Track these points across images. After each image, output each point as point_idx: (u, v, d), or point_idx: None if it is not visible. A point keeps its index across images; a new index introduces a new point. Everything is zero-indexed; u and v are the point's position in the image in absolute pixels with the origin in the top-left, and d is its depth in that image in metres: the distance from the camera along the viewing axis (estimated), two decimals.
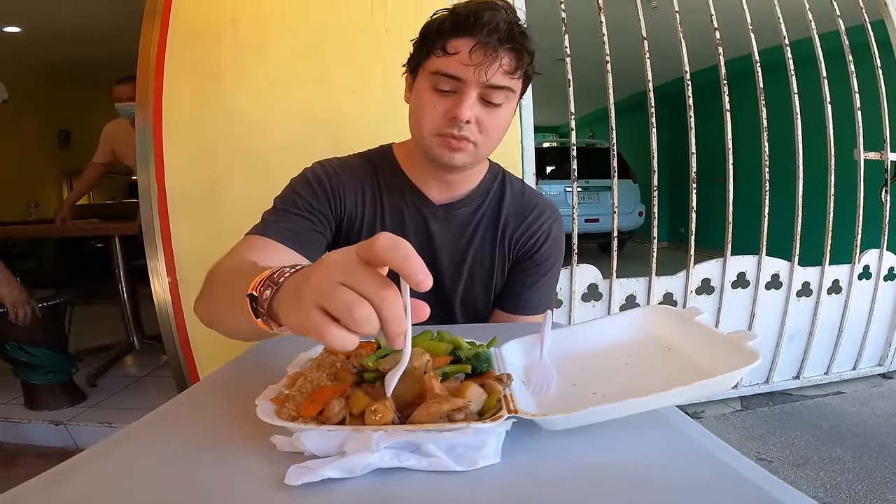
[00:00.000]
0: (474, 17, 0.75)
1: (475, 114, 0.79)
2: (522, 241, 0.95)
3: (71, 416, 2.08)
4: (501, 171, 1.00)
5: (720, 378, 0.42)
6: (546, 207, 0.98)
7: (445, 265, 0.94)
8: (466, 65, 0.76)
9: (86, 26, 4.36)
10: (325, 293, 0.38)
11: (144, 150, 1.79)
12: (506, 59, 0.77)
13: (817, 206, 2.27)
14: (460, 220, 0.93)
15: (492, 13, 0.75)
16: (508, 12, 0.78)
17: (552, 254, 0.96)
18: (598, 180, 5.71)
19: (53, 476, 0.40)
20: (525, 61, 0.79)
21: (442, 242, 0.93)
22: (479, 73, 0.76)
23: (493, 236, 0.94)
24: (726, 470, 0.39)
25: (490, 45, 0.75)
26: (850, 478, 1.63)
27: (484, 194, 0.95)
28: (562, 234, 0.98)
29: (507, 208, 0.95)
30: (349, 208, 0.90)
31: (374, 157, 0.95)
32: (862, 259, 2.35)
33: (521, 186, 0.99)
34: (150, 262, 1.82)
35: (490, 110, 0.80)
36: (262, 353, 0.71)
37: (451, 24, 0.77)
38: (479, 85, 0.77)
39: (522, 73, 0.81)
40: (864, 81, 2.29)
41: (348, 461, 0.37)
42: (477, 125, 0.80)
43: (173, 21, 1.79)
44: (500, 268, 0.96)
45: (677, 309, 0.60)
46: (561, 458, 0.42)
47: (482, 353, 0.53)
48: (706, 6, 2.12)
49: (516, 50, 0.77)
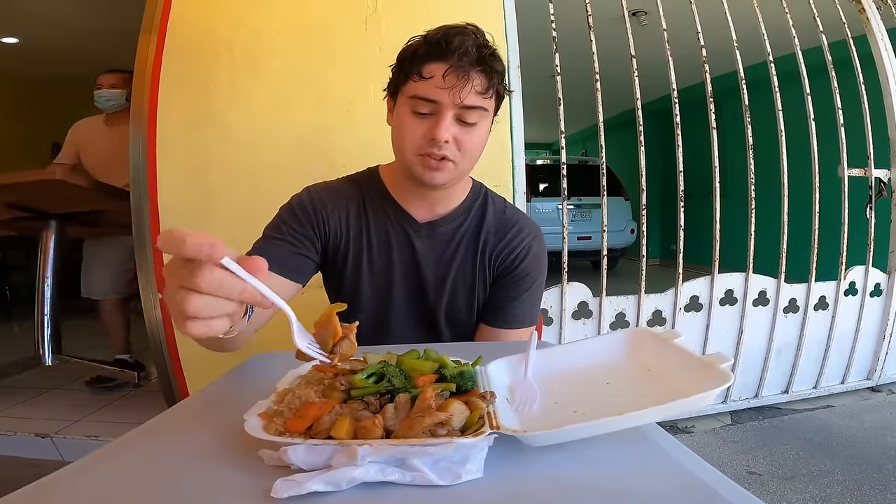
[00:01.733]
0: (445, 42, 0.81)
1: (452, 133, 0.84)
2: (502, 257, 0.98)
3: (58, 428, 2.06)
4: (484, 189, 1.04)
5: (692, 398, 0.45)
6: (526, 224, 1.01)
7: (429, 280, 0.98)
8: (441, 88, 0.81)
9: (83, 42, 4.39)
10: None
11: (137, 164, 1.80)
12: (477, 80, 0.82)
13: (803, 223, 2.31)
14: (443, 237, 0.97)
15: (461, 38, 0.81)
16: (478, 36, 0.83)
17: (533, 269, 0.99)
18: (590, 198, 5.77)
19: (39, 488, 0.40)
20: (495, 81, 0.85)
21: (426, 258, 0.97)
22: (454, 94, 0.81)
23: (474, 253, 0.98)
24: (699, 484, 0.40)
25: (462, 69, 0.80)
26: (840, 490, 1.64)
27: (466, 212, 0.99)
28: (542, 251, 1.02)
29: (488, 226, 0.99)
30: (333, 229, 0.95)
31: (360, 179, 1.01)
32: (848, 275, 2.38)
33: (502, 205, 1.03)
34: (141, 277, 1.82)
35: (466, 129, 0.85)
36: (251, 370, 0.72)
37: (424, 49, 0.83)
38: (455, 106, 0.82)
39: (494, 92, 0.86)
40: (848, 97, 2.34)
41: (334, 475, 0.38)
42: (455, 144, 0.85)
43: (170, 36, 1.81)
44: (481, 283, 0.99)
45: (657, 331, 0.62)
46: (542, 473, 0.43)
47: (467, 372, 0.54)
48: (695, 23, 2.17)
49: (486, 71, 0.83)
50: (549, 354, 0.65)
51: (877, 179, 2.42)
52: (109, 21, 3.81)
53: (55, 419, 2.16)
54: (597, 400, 0.54)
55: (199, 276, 0.41)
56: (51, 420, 2.14)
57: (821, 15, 2.34)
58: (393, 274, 0.97)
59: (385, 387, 0.50)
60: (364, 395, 0.49)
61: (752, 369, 2.33)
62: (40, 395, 2.50)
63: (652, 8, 2.26)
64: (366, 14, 1.86)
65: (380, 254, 0.97)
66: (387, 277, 0.97)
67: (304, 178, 1.05)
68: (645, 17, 3.83)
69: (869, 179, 2.41)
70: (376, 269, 0.97)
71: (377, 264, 0.97)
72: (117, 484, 0.42)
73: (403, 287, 0.98)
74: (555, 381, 0.59)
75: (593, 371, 0.61)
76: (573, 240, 5.06)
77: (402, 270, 0.97)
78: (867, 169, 2.40)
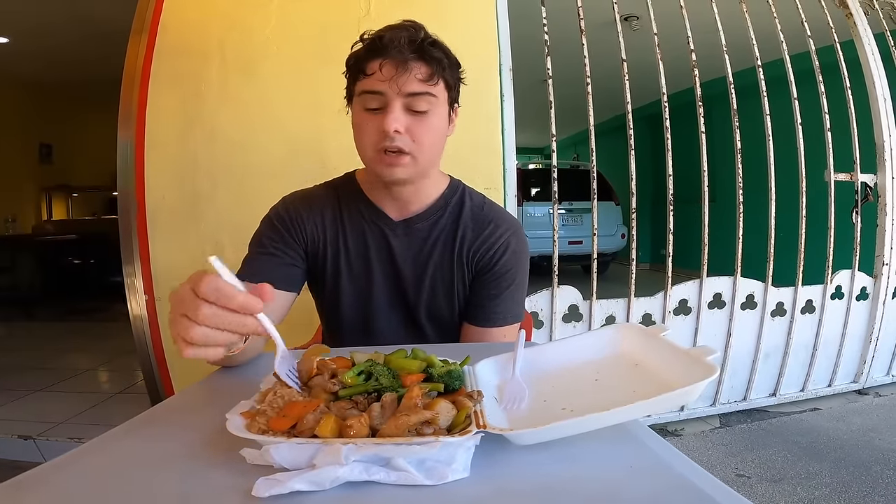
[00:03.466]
0: (379, 39, 0.85)
1: (404, 124, 0.85)
2: (480, 253, 0.98)
3: (41, 430, 2.04)
4: (462, 186, 1.04)
5: (678, 392, 0.44)
6: (504, 220, 1.00)
7: (408, 277, 0.98)
8: (382, 80, 0.84)
9: (74, 46, 4.35)
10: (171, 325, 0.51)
11: (125, 165, 1.78)
12: (417, 68, 0.85)
13: (791, 227, 2.33)
14: (419, 234, 0.98)
15: (393, 32, 0.85)
16: (413, 30, 0.86)
17: (513, 266, 0.99)
18: (581, 202, 5.79)
19: (15, 485, 0.39)
20: (438, 68, 0.86)
21: (403, 257, 0.98)
22: (394, 84, 0.83)
23: (451, 250, 0.98)
24: (687, 485, 0.40)
25: (399, 58, 0.83)
26: (828, 492, 1.65)
27: (442, 208, 0.99)
28: (522, 247, 1.01)
29: (465, 222, 0.99)
30: (311, 235, 0.97)
31: (337, 184, 1.03)
32: (834, 279, 2.40)
33: (480, 201, 1.03)
34: (128, 278, 1.80)
35: (419, 119, 0.86)
36: (236, 370, 0.71)
37: (364, 49, 0.87)
38: (400, 95, 0.84)
39: (440, 79, 0.87)
40: (835, 102, 2.37)
41: (317, 474, 0.38)
42: (409, 135, 0.86)
43: (160, 37, 1.80)
44: (460, 280, 0.99)
45: (644, 326, 0.62)
46: (529, 472, 0.43)
47: (454, 371, 0.54)
48: (685, 28, 2.19)
49: (425, 59, 0.85)
50: (537, 353, 0.65)
51: (863, 184, 2.45)
52: (100, 23, 3.77)
53: (38, 421, 2.13)
54: (585, 396, 0.54)
55: (203, 310, 0.47)
56: (33, 422, 2.11)
57: (808, 19, 2.37)
58: (372, 275, 0.98)
59: (372, 386, 0.50)
60: (352, 395, 0.49)
61: (741, 372, 2.34)
62: (24, 396, 2.46)
63: (643, 13, 2.27)
64: (359, 16, 1.86)
65: (357, 255, 0.97)
66: (367, 278, 0.98)
67: (295, 180, 1.05)
68: (636, 22, 3.86)
69: (855, 184, 2.44)
70: (355, 271, 0.98)
71: (356, 266, 0.98)
72: (96, 482, 0.41)
73: (384, 286, 0.98)
74: (543, 380, 0.59)
75: (582, 368, 0.60)
76: (564, 244, 5.07)
77: (380, 270, 0.98)
78: (853, 173, 2.43)
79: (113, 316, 4.25)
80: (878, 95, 2.45)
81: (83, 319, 2.80)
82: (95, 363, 3.06)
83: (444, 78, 0.88)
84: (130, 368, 2.70)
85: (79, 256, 4.91)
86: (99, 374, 2.75)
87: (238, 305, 0.48)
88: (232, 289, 0.48)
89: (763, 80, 2.29)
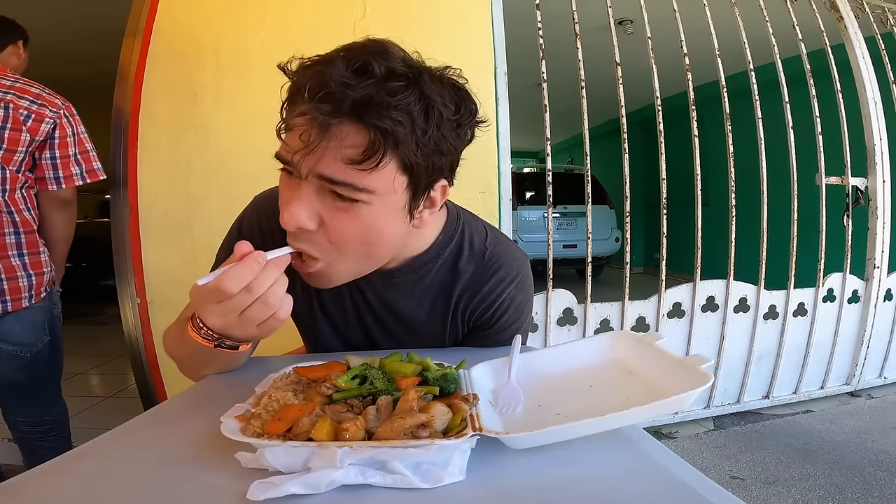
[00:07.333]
0: (302, 76, 0.56)
1: (314, 218, 0.59)
2: (479, 312, 0.82)
3: None
4: (461, 228, 0.81)
5: (673, 399, 0.45)
6: (509, 269, 0.81)
7: (388, 331, 0.84)
8: (289, 149, 0.57)
9: (67, 47, 4.32)
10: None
11: (117, 169, 1.77)
12: (348, 136, 0.54)
13: (783, 231, 2.35)
14: (403, 289, 0.79)
15: (326, 69, 0.53)
16: (366, 63, 0.53)
17: (517, 319, 0.84)
18: (575, 206, 5.81)
19: (6, 489, 0.39)
20: (388, 140, 0.54)
21: (382, 311, 0.82)
22: (302, 159, 0.55)
23: (444, 309, 0.81)
24: (679, 485, 0.40)
25: (321, 119, 0.53)
26: (822, 494, 1.66)
27: (432, 261, 0.78)
28: (526, 296, 0.84)
29: (462, 275, 0.80)
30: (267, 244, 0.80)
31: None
32: (826, 282, 2.42)
33: (482, 245, 0.81)
34: (120, 282, 1.78)
35: (338, 211, 0.58)
36: (230, 375, 0.71)
37: (290, 87, 0.59)
38: (312, 175, 0.57)
39: (390, 157, 0.55)
40: (826, 106, 2.39)
41: (313, 477, 0.38)
42: (323, 234, 0.60)
43: (154, 40, 1.79)
44: (452, 337, 0.85)
45: (639, 334, 0.62)
46: (525, 476, 0.43)
47: (450, 374, 0.54)
48: (679, 32, 2.21)
49: (367, 121, 0.53)
50: (532, 358, 0.65)
51: (854, 188, 2.47)
52: (93, 23, 3.76)
53: None
54: (580, 402, 0.54)
55: (245, 293, 0.54)
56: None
57: (800, 23, 2.39)
58: (348, 318, 0.83)
59: (367, 389, 0.50)
60: (347, 399, 0.49)
61: (734, 375, 2.36)
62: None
63: (637, 17, 2.29)
64: (354, 19, 1.86)
65: (332, 299, 0.81)
66: (343, 318, 0.83)
67: None
68: (631, 26, 3.88)
69: (846, 187, 2.46)
70: (329, 310, 0.83)
71: (331, 307, 0.82)
72: (89, 486, 0.41)
73: (361, 334, 0.84)
74: (538, 385, 0.59)
75: (576, 374, 0.61)
76: (559, 248, 5.09)
77: (356, 318, 0.83)
78: (844, 177, 2.45)
79: (105, 319, 4.23)
80: (869, 99, 2.47)
81: (75, 322, 2.78)
82: (87, 367, 3.04)
83: (400, 156, 0.56)
84: (122, 372, 2.68)
85: (70, 259, 4.85)
86: (91, 378, 2.73)
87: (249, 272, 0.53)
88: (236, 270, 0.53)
89: (755, 83, 2.31)
